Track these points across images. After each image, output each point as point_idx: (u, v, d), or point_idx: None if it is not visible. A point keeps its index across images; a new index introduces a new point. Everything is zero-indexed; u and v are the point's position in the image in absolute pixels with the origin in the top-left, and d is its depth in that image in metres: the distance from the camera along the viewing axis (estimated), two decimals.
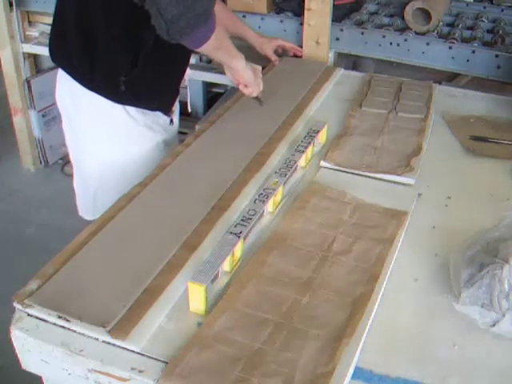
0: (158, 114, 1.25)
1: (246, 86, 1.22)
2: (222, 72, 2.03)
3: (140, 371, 0.68)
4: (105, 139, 1.20)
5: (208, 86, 2.51)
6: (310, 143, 1.10)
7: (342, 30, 1.80)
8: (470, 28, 1.88)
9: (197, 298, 0.75)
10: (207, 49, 1.02)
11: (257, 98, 1.28)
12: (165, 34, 0.92)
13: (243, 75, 1.19)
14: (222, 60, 1.16)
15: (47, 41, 1.20)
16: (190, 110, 1.47)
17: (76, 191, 1.36)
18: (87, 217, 1.33)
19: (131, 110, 1.19)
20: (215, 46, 1.03)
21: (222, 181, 1.02)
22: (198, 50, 1.00)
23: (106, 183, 1.24)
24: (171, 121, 1.30)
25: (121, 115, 1.18)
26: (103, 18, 1.07)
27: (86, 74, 1.14)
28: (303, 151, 1.08)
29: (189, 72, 1.35)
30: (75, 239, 0.87)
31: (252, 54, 2.07)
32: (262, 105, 1.28)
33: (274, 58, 1.58)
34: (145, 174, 1.03)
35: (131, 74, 1.12)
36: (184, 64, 1.26)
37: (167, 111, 1.27)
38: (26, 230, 2.19)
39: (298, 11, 1.85)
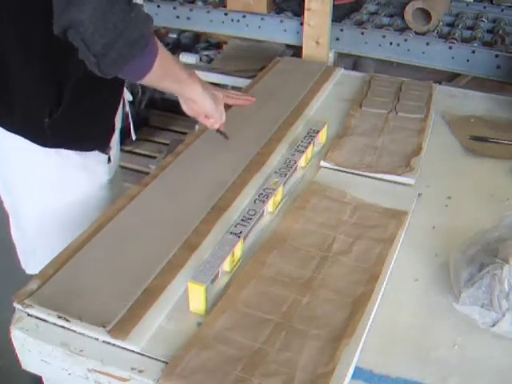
0: (96, 152, 1.09)
1: (206, 116, 1.06)
2: (222, 72, 2.05)
3: (140, 371, 0.68)
4: (38, 186, 1.06)
5: None
6: (309, 143, 1.10)
7: (342, 30, 1.80)
8: (470, 28, 1.88)
9: (197, 298, 0.75)
10: (151, 80, 0.87)
11: (219, 131, 1.11)
12: (95, 69, 0.78)
13: (202, 105, 1.02)
14: (172, 90, 0.98)
15: None
16: (134, 138, 1.30)
17: (15, 242, 1.19)
18: (29, 270, 1.16)
19: (63, 151, 1.03)
20: (160, 75, 0.88)
21: (222, 181, 1.02)
22: (139, 82, 0.87)
23: (45, 233, 1.09)
24: (109, 159, 1.12)
25: (52, 159, 1.03)
26: (19, 52, 0.91)
27: (4, 116, 0.99)
28: (303, 151, 1.08)
29: (129, 97, 1.22)
30: (75, 239, 0.87)
31: (252, 54, 2.08)
32: (228, 139, 1.11)
33: None
34: (90, 220, 0.92)
35: (56, 115, 0.96)
36: (118, 95, 1.10)
37: (104, 149, 1.10)
38: None
39: (298, 11, 1.85)
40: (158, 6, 2.05)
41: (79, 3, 0.72)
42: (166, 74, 0.90)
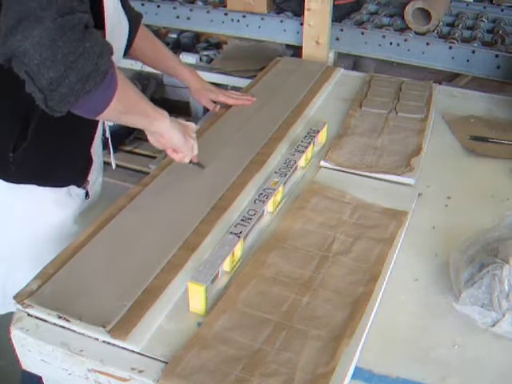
0: (71, 187, 1.02)
1: (174, 150, 0.98)
2: (222, 72, 2.05)
3: (140, 371, 0.68)
4: (5, 222, 0.99)
5: None
6: (309, 143, 1.10)
7: (342, 30, 1.80)
8: (470, 28, 1.88)
9: (197, 298, 0.75)
10: (109, 115, 0.80)
11: (193, 162, 1.03)
12: (43, 106, 0.69)
13: (170, 138, 0.94)
14: (136, 125, 0.90)
15: None
16: (114, 167, 1.21)
17: None
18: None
19: (32, 186, 0.96)
20: (121, 110, 0.81)
21: (222, 181, 1.02)
22: (96, 118, 0.79)
23: (15, 270, 1.01)
24: (87, 194, 1.06)
25: (20, 194, 0.96)
26: None
27: None
28: (303, 151, 1.08)
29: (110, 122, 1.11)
30: (75, 239, 0.87)
31: (252, 54, 2.07)
32: (204, 168, 1.04)
33: (212, 106, 1.30)
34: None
35: (20, 149, 0.90)
36: (92, 124, 1.00)
37: (80, 184, 1.03)
38: None
39: (298, 11, 1.85)
40: (158, 6, 2.05)
41: (25, 28, 0.63)
42: (128, 109, 0.83)
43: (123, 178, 2.42)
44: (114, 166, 1.19)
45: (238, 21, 1.94)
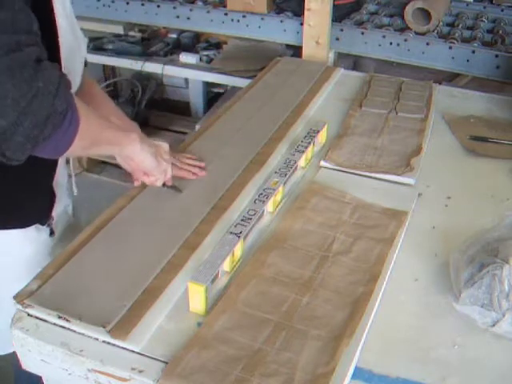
0: (36, 225, 0.95)
1: (145, 174, 0.93)
2: (222, 72, 2.05)
3: (140, 371, 0.68)
4: None
5: (208, 85, 2.52)
6: (309, 143, 1.10)
7: (342, 30, 1.80)
8: (470, 28, 1.88)
9: (197, 298, 0.75)
10: (73, 152, 0.73)
11: (168, 186, 0.97)
12: None
13: (140, 162, 0.88)
14: (106, 153, 0.86)
15: None
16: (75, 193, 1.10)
17: None
18: None
19: None
20: (85, 145, 0.75)
21: (222, 181, 1.02)
22: (58, 158, 0.73)
23: None
24: (52, 232, 0.98)
25: None
26: None
27: None
28: (303, 151, 1.08)
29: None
30: (75, 239, 0.87)
31: (252, 54, 2.08)
32: (181, 192, 0.98)
33: (136, 175, 1.02)
34: None
35: None
36: (51, 164, 0.92)
37: (44, 222, 0.95)
38: None
39: (298, 11, 1.85)
40: (158, 6, 2.05)
41: None
42: (93, 142, 0.77)
43: (123, 178, 2.42)
44: (75, 192, 1.07)
45: (238, 21, 1.94)
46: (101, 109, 1.02)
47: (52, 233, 0.98)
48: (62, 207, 1.03)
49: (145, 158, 0.88)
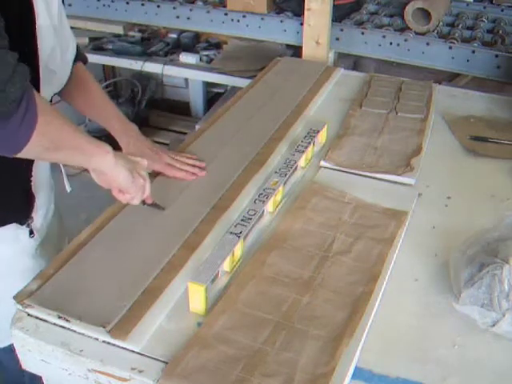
0: (14, 225, 0.93)
1: (121, 191, 0.86)
2: (222, 72, 2.05)
3: (140, 371, 0.68)
4: None
5: (208, 85, 2.52)
6: (309, 143, 1.10)
7: (342, 30, 1.80)
8: (470, 28, 1.88)
9: (197, 298, 0.75)
10: (34, 152, 0.71)
11: (148, 204, 0.91)
12: None
13: (114, 177, 0.82)
14: (74, 162, 0.82)
15: None
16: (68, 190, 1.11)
17: None
18: None
19: None
20: (47, 146, 0.72)
21: (222, 181, 1.02)
22: (17, 156, 0.69)
23: None
24: (31, 232, 0.96)
25: None
26: None
27: None
28: (303, 151, 1.08)
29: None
30: (75, 239, 0.87)
31: (252, 54, 2.08)
32: (164, 209, 0.93)
33: None
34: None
35: None
36: (25, 165, 0.89)
37: (23, 222, 0.93)
38: None
39: (298, 11, 1.85)
40: (158, 6, 2.05)
41: None
42: (56, 144, 0.73)
43: None
44: (68, 190, 1.05)
45: (238, 21, 1.94)
46: (99, 110, 1.04)
47: (32, 233, 0.95)
48: (44, 209, 1.01)
49: (119, 173, 0.81)
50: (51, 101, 0.96)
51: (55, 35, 0.86)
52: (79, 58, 1.02)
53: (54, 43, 0.86)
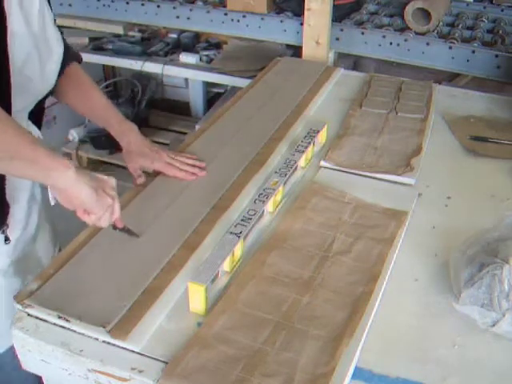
0: None
1: (85, 211, 0.80)
2: (222, 72, 2.05)
3: (140, 371, 0.68)
4: None
5: (208, 85, 2.52)
6: (309, 143, 1.10)
7: (342, 30, 1.80)
8: (470, 28, 1.88)
9: (197, 298, 0.75)
10: None
11: (119, 228, 0.85)
12: None
13: (76, 194, 0.76)
14: (28, 177, 0.78)
15: None
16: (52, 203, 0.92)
17: None
18: None
19: None
20: (1, 155, 0.69)
21: (222, 181, 1.02)
22: None
23: None
24: (6, 238, 0.91)
25: None
26: None
27: None
28: (303, 151, 1.08)
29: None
30: (75, 239, 0.87)
31: (252, 54, 2.08)
32: (138, 236, 0.86)
33: (137, 173, 1.03)
34: None
35: None
36: None
37: None
38: None
39: (298, 11, 1.85)
40: (158, 6, 2.05)
41: None
42: (11, 155, 0.70)
43: (123, 178, 2.42)
44: (52, 203, 0.91)
45: (238, 21, 1.94)
46: (98, 111, 1.03)
47: (7, 239, 0.91)
48: (23, 222, 0.96)
49: (81, 191, 0.75)
50: (39, 108, 0.94)
51: (34, 42, 0.84)
52: (73, 58, 1.01)
53: (29, 49, 0.83)
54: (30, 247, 0.99)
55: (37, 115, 0.96)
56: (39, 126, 0.99)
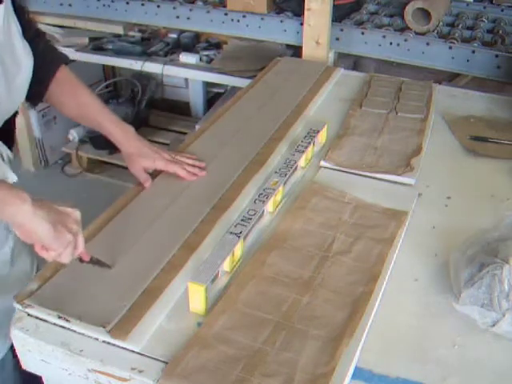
0: None
1: (43, 247, 0.73)
2: (222, 72, 2.05)
3: (140, 371, 0.68)
4: None
5: (208, 85, 2.52)
6: (309, 143, 1.10)
7: (342, 30, 1.80)
8: (470, 28, 1.88)
9: (197, 298, 0.75)
10: None
11: (83, 261, 0.79)
12: None
13: (33, 229, 0.71)
14: None
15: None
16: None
17: None
18: None
19: None
20: None
21: (222, 181, 1.02)
22: None
23: None
24: None
25: None
26: None
27: None
28: (303, 151, 1.08)
29: (13, 178, 0.91)
30: None
31: (252, 54, 2.08)
32: (111, 267, 0.80)
33: (143, 177, 1.01)
34: None
35: None
36: None
37: None
38: None
39: (298, 11, 1.85)
40: (158, 6, 2.05)
41: None
42: None
43: (123, 178, 2.43)
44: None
45: (238, 21, 1.94)
46: (92, 115, 1.00)
47: None
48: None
49: (38, 226, 0.70)
50: (7, 126, 0.89)
51: None
52: (61, 60, 0.99)
53: None
54: (6, 270, 0.95)
55: (6, 134, 0.92)
56: (10, 146, 0.95)
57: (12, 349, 0.89)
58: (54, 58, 0.97)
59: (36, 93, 0.95)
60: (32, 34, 0.92)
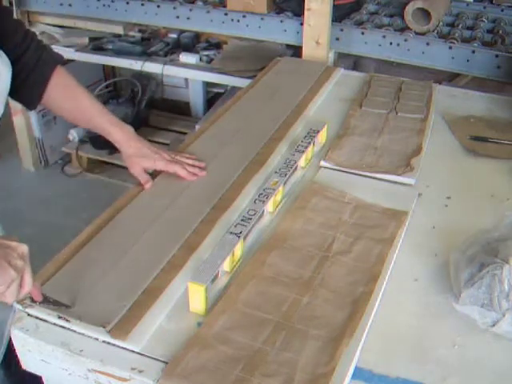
0: None
1: None
2: (222, 72, 2.05)
3: (140, 371, 0.68)
4: None
5: (208, 85, 2.52)
6: (309, 143, 1.10)
7: (342, 30, 1.80)
8: (470, 28, 1.88)
9: (197, 298, 0.75)
10: None
11: (36, 301, 0.73)
12: None
13: None
14: None
15: (48, 41, 1.11)
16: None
17: None
18: None
19: None
20: None
21: (222, 181, 1.02)
22: None
23: None
24: None
25: None
26: None
27: None
28: (303, 151, 1.08)
29: None
30: (75, 239, 0.87)
31: (252, 54, 2.08)
32: (71, 306, 0.74)
33: (144, 178, 1.00)
34: None
35: None
36: None
37: None
38: (25, 230, 2.19)
39: (298, 11, 1.85)
40: (158, 6, 2.05)
41: None
42: None
43: (123, 177, 2.43)
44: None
45: (238, 21, 1.94)
46: (91, 117, 0.99)
47: None
48: None
49: None
50: None
51: None
52: (56, 61, 0.97)
53: None
54: None
55: None
56: None
57: (5, 358, 0.87)
58: (47, 59, 0.95)
59: (32, 96, 0.94)
60: (21, 36, 0.91)
